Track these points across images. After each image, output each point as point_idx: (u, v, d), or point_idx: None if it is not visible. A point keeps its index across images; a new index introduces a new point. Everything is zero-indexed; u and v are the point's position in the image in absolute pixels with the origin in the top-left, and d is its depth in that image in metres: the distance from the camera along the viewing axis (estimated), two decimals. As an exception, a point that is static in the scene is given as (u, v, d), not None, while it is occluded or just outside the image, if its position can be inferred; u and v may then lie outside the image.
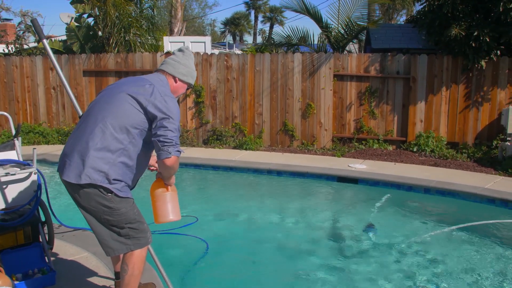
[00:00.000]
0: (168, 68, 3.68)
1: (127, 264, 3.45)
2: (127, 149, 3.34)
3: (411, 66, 11.32)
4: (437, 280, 5.30)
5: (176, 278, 4.99)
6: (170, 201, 3.66)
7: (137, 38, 13.92)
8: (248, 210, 7.96)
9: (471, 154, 10.69)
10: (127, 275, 3.45)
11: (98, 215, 3.33)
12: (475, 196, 8.04)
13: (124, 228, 3.38)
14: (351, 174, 9.32)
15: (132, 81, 3.53)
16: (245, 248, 6.11)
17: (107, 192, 3.27)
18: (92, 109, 3.46)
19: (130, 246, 3.41)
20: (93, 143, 3.27)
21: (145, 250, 3.53)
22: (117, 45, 13.23)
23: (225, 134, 12.02)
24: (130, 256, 3.44)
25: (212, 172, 9.86)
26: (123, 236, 3.39)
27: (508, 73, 10.85)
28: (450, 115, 11.28)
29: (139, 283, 4.03)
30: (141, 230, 3.45)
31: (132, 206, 3.43)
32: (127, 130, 3.31)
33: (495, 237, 6.70)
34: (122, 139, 3.31)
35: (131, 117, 3.31)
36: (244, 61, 11.96)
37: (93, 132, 3.31)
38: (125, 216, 3.36)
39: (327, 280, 5.34)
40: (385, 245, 6.33)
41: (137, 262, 3.46)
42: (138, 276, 3.50)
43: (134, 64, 12.48)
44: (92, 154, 3.25)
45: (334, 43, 13.24)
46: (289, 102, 11.85)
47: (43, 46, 4.25)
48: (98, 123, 3.32)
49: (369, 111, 11.60)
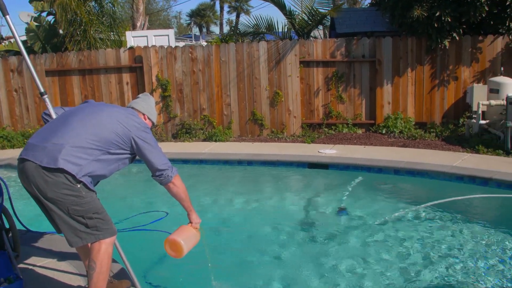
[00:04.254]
0: (140, 107, 3.96)
1: (94, 261, 3.47)
2: (101, 156, 3.52)
3: (376, 49, 11.36)
4: (410, 258, 5.35)
5: (143, 274, 4.94)
6: (190, 237, 4.00)
7: (99, 35, 13.68)
8: (219, 201, 7.93)
9: (439, 133, 10.81)
10: (95, 272, 3.46)
11: (66, 206, 3.37)
12: (444, 175, 8.13)
13: (92, 218, 3.43)
14: (321, 159, 9.34)
15: (122, 109, 3.84)
16: (216, 240, 6.06)
17: (76, 182, 3.35)
18: (74, 114, 3.65)
19: (99, 235, 3.46)
20: (72, 140, 3.42)
21: (111, 246, 3.56)
22: (79, 43, 12.97)
23: (194, 127, 11.92)
24: (97, 253, 3.46)
25: (182, 166, 9.73)
26: (91, 227, 3.43)
27: (471, 52, 10.98)
28: (417, 96, 11.37)
29: (113, 280, 4.00)
30: (107, 220, 3.53)
31: (97, 198, 3.54)
32: (106, 143, 3.52)
33: (465, 213, 6.80)
34: (99, 147, 3.50)
35: (113, 136, 3.55)
36: (209, 52, 11.85)
37: (73, 132, 3.47)
38: (93, 204, 3.45)
39: (303, 264, 5.36)
40: (358, 227, 6.37)
41: (104, 259, 3.48)
42: (106, 273, 3.53)
43: (98, 61, 12.28)
44: (69, 148, 3.38)
45: (299, 30, 13.21)
46: (257, 91, 11.80)
47: (7, 24, 4.15)
48: (79, 127, 3.52)
49: (337, 96, 11.63)
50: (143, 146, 3.64)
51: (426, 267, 5.16)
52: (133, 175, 9.43)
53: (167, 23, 54.91)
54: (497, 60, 10.93)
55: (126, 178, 9.19)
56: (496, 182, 7.56)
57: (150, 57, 11.92)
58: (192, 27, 59.03)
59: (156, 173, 3.70)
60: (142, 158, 3.70)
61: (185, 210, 3.97)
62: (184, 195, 3.85)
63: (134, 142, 3.62)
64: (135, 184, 9.26)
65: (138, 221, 6.44)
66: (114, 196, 8.15)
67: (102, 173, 3.60)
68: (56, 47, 13.89)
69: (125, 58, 12.17)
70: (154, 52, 11.95)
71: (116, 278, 4.13)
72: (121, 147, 3.60)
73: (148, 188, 8.39)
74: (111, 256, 3.55)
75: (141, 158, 3.72)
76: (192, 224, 4.03)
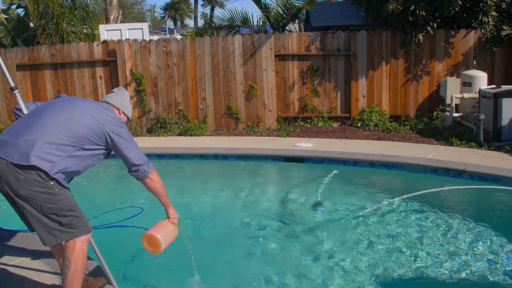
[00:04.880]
0: (114, 101, 3.89)
1: (69, 260, 3.40)
2: (74, 153, 3.45)
3: (351, 43, 11.40)
4: (387, 250, 5.38)
5: (119, 271, 4.88)
6: (168, 232, 3.95)
7: (72, 28, 13.45)
8: (195, 196, 7.89)
9: (413, 126, 10.91)
10: (70, 271, 3.40)
11: (38, 204, 3.30)
12: (419, 167, 8.21)
13: (66, 216, 3.37)
14: (297, 153, 9.35)
15: (96, 103, 3.77)
16: (193, 235, 6.02)
17: (49, 179, 3.29)
18: (46, 110, 3.56)
19: (73, 233, 3.41)
20: (44, 136, 3.34)
21: (86, 243, 3.50)
22: (51, 37, 12.74)
23: (169, 121, 11.82)
24: (72, 251, 3.40)
25: (157, 160, 9.63)
26: (65, 225, 3.37)
27: (445, 46, 11.11)
28: (392, 89, 11.46)
29: (88, 278, 3.94)
30: (81, 218, 3.47)
31: (70, 196, 3.47)
32: (79, 138, 3.45)
33: (439, 204, 6.87)
34: (73, 143, 3.43)
35: (87, 132, 3.48)
36: (184, 46, 11.75)
37: (45, 128, 3.39)
38: (66, 202, 3.38)
39: (279, 259, 5.36)
40: (334, 220, 6.40)
41: (79, 257, 3.42)
42: (81, 272, 3.47)
43: (70, 55, 12.07)
44: (42, 145, 3.30)
45: (274, 23, 13.20)
46: (232, 85, 11.75)
47: None
48: (52, 123, 3.44)
49: (312, 89, 11.65)
50: (118, 141, 3.58)
51: (402, 258, 5.20)
52: (108, 170, 9.32)
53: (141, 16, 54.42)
54: (469, 54, 11.07)
55: (101, 174, 9.07)
56: (469, 174, 7.67)
57: (124, 51, 11.77)
58: (166, 20, 58.61)
59: (133, 168, 3.64)
60: (118, 153, 3.64)
61: (163, 205, 3.93)
62: (161, 190, 3.80)
63: (109, 137, 3.56)
64: (110, 179, 9.16)
65: (113, 218, 6.37)
66: (89, 192, 8.05)
67: (76, 170, 3.53)
68: (27, 40, 13.61)
69: (98, 52, 12.00)
70: (128, 45, 11.80)
71: (91, 276, 4.06)
72: (95, 142, 3.54)
73: (123, 184, 8.31)
74: (86, 254, 3.49)
75: (116, 153, 3.66)
76: (170, 219, 3.99)
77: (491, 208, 6.91)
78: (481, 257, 5.20)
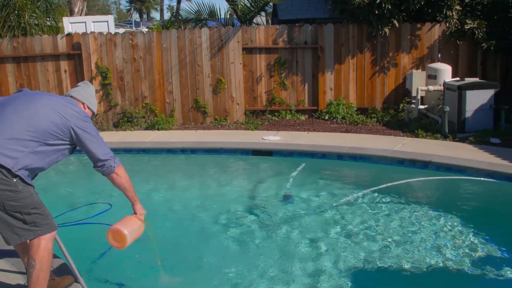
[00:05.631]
0: (79, 95, 3.82)
1: (34, 259, 3.34)
2: (38, 148, 3.38)
3: (318, 36, 11.43)
4: (355, 242, 5.43)
5: (87, 269, 4.83)
6: (135, 228, 3.90)
7: (34, 21, 13.13)
8: (163, 191, 7.83)
9: (380, 118, 11.02)
10: (35, 270, 3.34)
11: (1, 202, 3.23)
12: (386, 159, 8.31)
13: (31, 214, 3.31)
14: (265, 146, 9.35)
15: (60, 98, 3.70)
16: (160, 230, 5.97)
17: (12, 176, 3.22)
18: (8, 104, 3.48)
19: (38, 231, 3.35)
20: (6, 132, 3.27)
21: (51, 241, 3.45)
22: (13, 29, 12.41)
23: (135, 115, 11.67)
24: (37, 249, 3.34)
25: (124, 155, 9.50)
26: (29, 223, 3.31)
27: (410, 39, 11.25)
28: (359, 82, 11.55)
29: (55, 277, 3.87)
30: (46, 215, 3.42)
31: (35, 193, 3.41)
32: (43, 133, 3.38)
33: (406, 195, 6.99)
34: (36, 139, 3.35)
35: (50, 126, 3.41)
36: (150, 39, 11.61)
37: (7, 123, 3.32)
38: (30, 199, 3.32)
39: (248, 252, 5.36)
40: (304, 213, 6.42)
41: (44, 255, 3.36)
42: (47, 270, 3.42)
43: (34, 48, 11.78)
44: (4, 141, 3.24)
45: (241, 16, 13.15)
46: (199, 79, 11.66)
47: None
48: (14, 118, 3.36)
49: (279, 82, 11.65)
50: (83, 136, 3.52)
51: (370, 249, 5.25)
52: (74, 166, 9.16)
53: (106, 9, 53.63)
54: (434, 47, 11.24)
55: (67, 170, 8.91)
56: (435, 165, 7.80)
57: (89, 44, 11.55)
58: (132, 13, 57.79)
59: (98, 163, 3.58)
60: (83, 148, 3.57)
61: (130, 200, 3.88)
62: (128, 185, 3.76)
63: (73, 132, 3.49)
64: (76, 175, 9.00)
65: (80, 215, 6.27)
66: (55, 189, 7.90)
67: (40, 166, 3.45)
68: (-14, 33, 13.24)
69: (62, 45, 11.75)
70: (93, 38, 11.59)
71: (58, 274, 3.98)
72: (59, 137, 3.47)
73: (90, 180, 8.17)
74: (51, 252, 3.44)
75: (81, 148, 3.60)
76: (137, 215, 3.94)
77: (456, 198, 7.03)
78: (446, 246, 5.29)
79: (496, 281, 4.64)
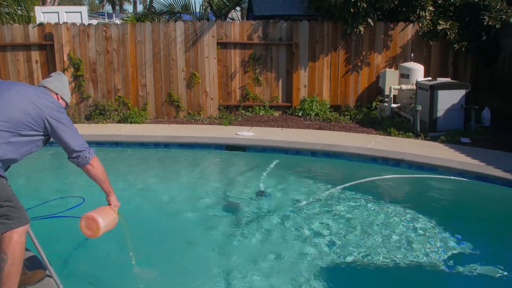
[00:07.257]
0: (52, 86, 3.78)
1: (5, 253, 3.27)
2: (11, 139, 3.33)
3: (293, 33, 11.46)
4: (328, 238, 5.47)
5: (59, 263, 4.77)
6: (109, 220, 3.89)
7: (5, 9, 12.86)
8: (137, 185, 7.78)
9: (353, 116, 11.11)
10: (7, 264, 3.27)
11: None
12: (359, 156, 8.38)
13: (3, 206, 3.25)
14: (239, 142, 9.34)
15: (33, 88, 3.66)
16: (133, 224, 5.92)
17: None
18: None
19: (10, 224, 3.29)
20: None
21: (24, 235, 3.39)
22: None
23: (108, 108, 11.52)
24: (9, 243, 3.28)
25: (96, 148, 9.31)
26: (1, 216, 3.26)
27: (384, 38, 11.36)
28: (332, 79, 11.62)
29: (27, 271, 3.81)
30: (19, 208, 3.36)
31: (7, 185, 3.35)
32: (16, 124, 3.33)
33: (378, 192, 7.10)
34: (9, 129, 3.30)
35: (24, 117, 3.36)
36: (124, 31, 11.47)
37: None
38: (3, 192, 3.26)
39: (221, 248, 5.35)
40: (277, 209, 6.43)
41: (16, 249, 3.30)
42: (19, 265, 3.36)
43: (4, 37, 11.51)
44: None
45: (216, 10, 13.12)
46: (173, 72, 11.58)
47: None
48: None
49: (254, 78, 11.64)
50: (57, 127, 3.48)
51: (344, 245, 5.30)
52: (47, 157, 9.01)
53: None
54: (407, 47, 11.38)
55: (40, 161, 8.76)
56: (407, 163, 7.90)
57: (61, 34, 11.36)
58: (105, 4, 56.99)
59: (73, 154, 3.54)
60: (57, 139, 3.52)
61: (104, 192, 3.85)
62: (103, 177, 3.74)
63: (47, 122, 3.45)
64: (50, 167, 8.86)
65: (54, 208, 6.17)
66: (28, 181, 7.77)
67: (12, 157, 3.39)
68: (-45, 21, 12.94)
69: (34, 35, 11.51)
70: (66, 29, 11.40)
71: (30, 268, 3.91)
72: (33, 128, 3.41)
73: (64, 172, 8.06)
74: (24, 246, 3.38)
75: (55, 139, 3.55)
76: (111, 207, 3.90)
77: (427, 196, 7.16)
78: (417, 242, 5.37)
79: (466, 277, 4.74)
